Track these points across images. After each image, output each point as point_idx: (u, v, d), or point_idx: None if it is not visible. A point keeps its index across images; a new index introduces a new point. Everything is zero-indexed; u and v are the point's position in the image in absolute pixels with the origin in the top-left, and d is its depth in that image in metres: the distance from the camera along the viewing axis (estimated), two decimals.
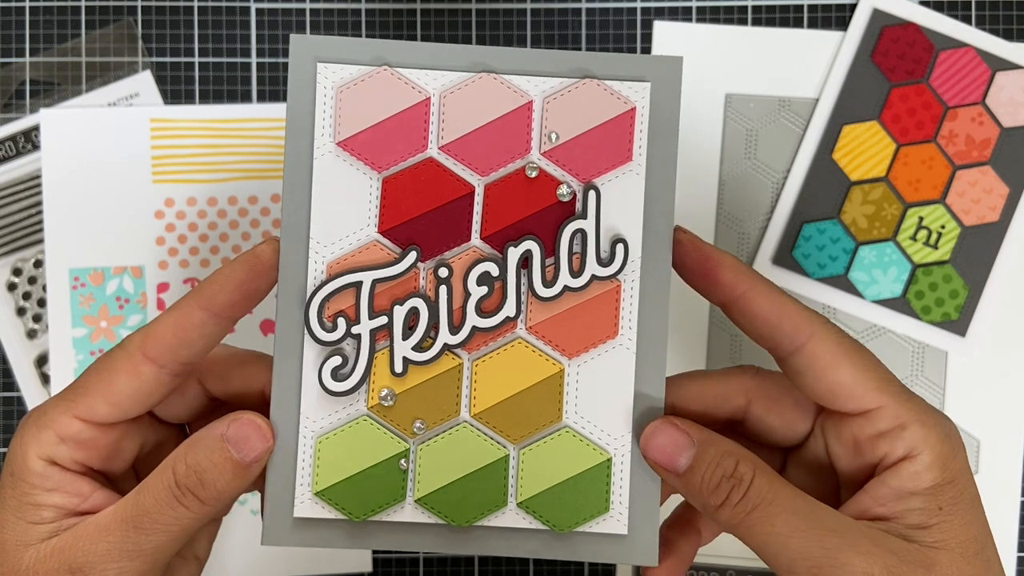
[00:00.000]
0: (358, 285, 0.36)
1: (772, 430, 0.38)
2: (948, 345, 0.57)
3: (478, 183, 0.36)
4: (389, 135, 0.36)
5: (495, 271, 0.36)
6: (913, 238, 0.57)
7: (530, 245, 0.36)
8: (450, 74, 0.36)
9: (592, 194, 0.36)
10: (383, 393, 0.36)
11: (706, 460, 0.35)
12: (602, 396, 0.36)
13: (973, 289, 0.57)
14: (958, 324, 0.57)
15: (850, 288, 0.57)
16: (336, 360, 0.36)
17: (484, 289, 0.36)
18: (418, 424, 0.36)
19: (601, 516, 0.36)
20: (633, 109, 0.36)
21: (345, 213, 0.36)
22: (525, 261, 0.36)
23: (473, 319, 0.36)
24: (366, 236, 0.36)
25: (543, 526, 0.36)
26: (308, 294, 0.36)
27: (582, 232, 0.36)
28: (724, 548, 0.57)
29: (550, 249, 0.36)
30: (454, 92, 0.36)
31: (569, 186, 0.36)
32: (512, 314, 0.36)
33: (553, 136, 0.36)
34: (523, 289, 0.36)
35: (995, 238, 0.57)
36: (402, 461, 0.36)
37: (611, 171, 0.36)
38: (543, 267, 0.36)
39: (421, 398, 0.36)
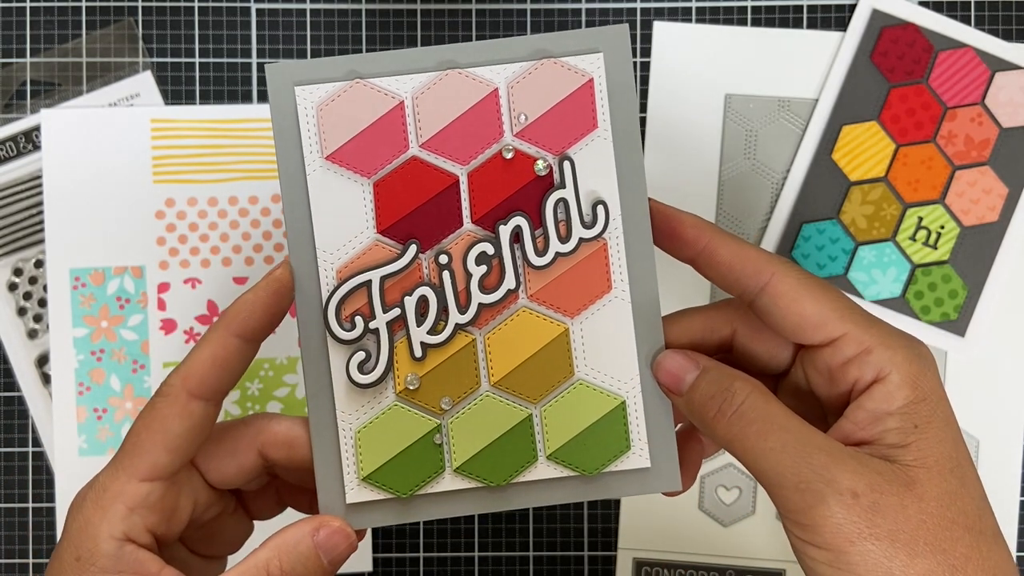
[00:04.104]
0: (368, 284, 0.38)
1: (757, 358, 0.40)
2: (947, 345, 0.57)
3: (461, 172, 0.38)
4: (372, 142, 0.38)
5: (491, 250, 0.38)
6: (912, 238, 0.57)
7: (519, 220, 0.38)
8: (418, 76, 0.38)
9: (567, 164, 0.38)
10: (408, 378, 0.38)
11: (706, 378, 0.37)
12: (607, 346, 0.39)
13: (972, 289, 0.57)
14: (957, 324, 0.57)
15: (849, 288, 0.57)
16: (360, 355, 0.38)
17: (483, 268, 0.38)
18: (445, 400, 0.38)
19: (624, 455, 0.39)
20: (591, 80, 0.38)
21: (344, 220, 0.38)
22: (516, 236, 0.38)
23: (478, 297, 0.38)
24: (367, 238, 0.38)
25: (573, 472, 0.39)
26: (324, 300, 0.38)
27: (564, 200, 0.38)
28: (724, 548, 0.57)
29: (537, 221, 0.38)
30: (424, 92, 0.38)
31: (545, 160, 0.38)
32: (513, 286, 0.38)
33: (522, 117, 0.38)
34: (519, 261, 0.38)
35: (994, 238, 0.57)
36: (436, 436, 0.38)
37: (581, 140, 0.39)
38: (534, 238, 0.38)
39: (443, 377, 0.38)
